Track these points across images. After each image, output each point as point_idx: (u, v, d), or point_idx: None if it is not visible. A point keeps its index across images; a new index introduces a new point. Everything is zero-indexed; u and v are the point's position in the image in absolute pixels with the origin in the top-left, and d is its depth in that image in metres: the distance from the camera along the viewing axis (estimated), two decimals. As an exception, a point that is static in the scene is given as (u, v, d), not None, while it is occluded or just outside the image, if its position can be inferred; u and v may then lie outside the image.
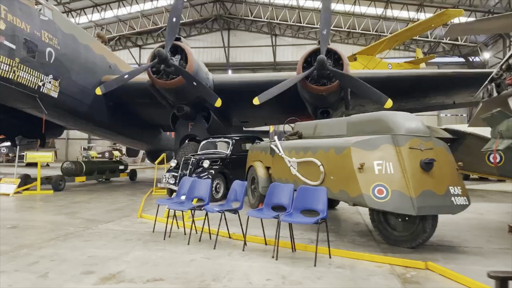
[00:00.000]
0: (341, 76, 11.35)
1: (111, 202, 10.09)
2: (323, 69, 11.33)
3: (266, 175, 8.75)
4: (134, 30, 37.14)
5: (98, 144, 37.15)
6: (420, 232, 5.43)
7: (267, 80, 13.61)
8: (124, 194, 12.09)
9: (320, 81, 11.81)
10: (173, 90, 12.06)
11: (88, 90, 13.48)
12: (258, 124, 18.79)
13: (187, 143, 13.61)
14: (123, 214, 8.30)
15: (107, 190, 13.08)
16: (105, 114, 14.53)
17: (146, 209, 8.99)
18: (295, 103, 14.25)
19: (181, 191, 6.71)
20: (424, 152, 5.45)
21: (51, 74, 11.64)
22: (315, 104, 12.76)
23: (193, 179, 6.47)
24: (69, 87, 12.50)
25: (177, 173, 10.50)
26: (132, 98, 14.54)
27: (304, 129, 8.52)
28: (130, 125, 16.32)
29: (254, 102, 11.65)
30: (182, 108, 12.88)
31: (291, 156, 7.44)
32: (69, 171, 13.35)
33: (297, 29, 35.51)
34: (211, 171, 10.32)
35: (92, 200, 10.43)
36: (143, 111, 15.76)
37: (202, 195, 6.11)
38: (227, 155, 11.17)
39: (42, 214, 8.16)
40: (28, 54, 10.79)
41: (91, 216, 8.01)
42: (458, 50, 32.35)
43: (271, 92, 11.67)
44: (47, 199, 10.68)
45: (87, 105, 13.54)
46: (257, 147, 9.67)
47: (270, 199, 5.61)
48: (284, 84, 11.74)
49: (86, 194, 11.83)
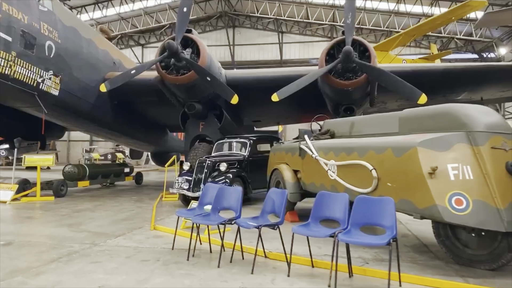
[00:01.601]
0: (370, 69, 10.34)
1: (118, 210, 9.09)
2: (349, 61, 10.31)
3: (294, 180, 7.75)
4: (137, 28, 36.16)
5: (100, 145, 36.15)
6: (503, 251, 4.42)
7: (285, 75, 12.60)
8: (131, 200, 11.10)
9: (345, 75, 10.80)
10: (184, 86, 11.06)
11: (91, 88, 12.50)
12: (270, 123, 17.79)
13: (198, 144, 12.60)
14: (133, 225, 7.31)
15: (112, 196, 12.09)
16: (109, 114, 13.54)
17: (158, 218, 8.00)
18: (313, 100, 13.29)
19: (204, 200, 5.71)
20: (509, 152, 4.45)
21: (51, 70, 10.66)
22: (337, 101, 11.75)
23: (220, 186, 5.47)
24: (71, 84, 11.51)
25: (191, 177, 9.50)
26: (138, 96, 13.56)
27: (336, 127, 7.52)
28: (135, 126, 15.33)
29: (273, 99, 10.64)
30: (193, 106, 11.88)
31: (328, 158, 6.45)
32: (72, 175, 12.37)
33: (305, 26, 34.46)
34: (228, 175, 9.33)
35: (97, 208, 9.44)
36: (149, 110, 14.77)
37: (232, 206, 5.11)
38: (244, 157, 10.17)
39: (42, 226, 7.17)
40: (26, 48, 9.79)
41: (98, 228, 7.02)
42: (472, 46, 31.31)
43: (292, 88, 10.66)
44: (48, 207, 9.69)
45: (90, 104, 12.54)
46: (281, 147, 8.68)
47: (319, 211, 4.61)
48: (305, 78, 10.73)
49: (90, 201, 10.84)
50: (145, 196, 12.03)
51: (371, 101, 11.97)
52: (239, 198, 5.04)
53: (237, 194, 5.09)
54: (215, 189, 5.54)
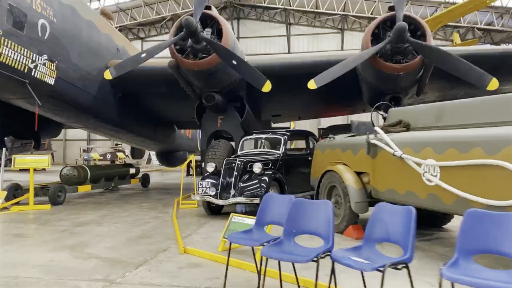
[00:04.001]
0: (427, 49, 8.64)
1: (131, 223, 7.38)
2: (402, 41, 8.63)
3: (359, 185, 6.06)
4: (136, 20, 34.28)
5: (98, 145, 34.33)
6: None
7: (318, 61, 10.93)
8: (143, 208, 9.38)
9: (394, 58, 9.13)
10: (204, 72, 9.33)
11: (93, 77, 10.78)
12: (291, 118, 16.13)
13: (217, 142, 10.87)
14: (155, 245, 5.60)
15: (119, 203, 10.36)
16: (114, 107, 11.81)
17: (184, 234, 6.30)
18: (342, 91, 11.63)
19: (264, 217, 4.02)
20: None
21: (46, 53, 8.93)
22: (382, 89, 10.04)
23: (294, 200, 3.75)
24: (69, 71, 9.78)
25: (218, 181, 7.81)
26: (146, 87, 11.84)
27: (413, 116, 5.85)
28: (142, 121, 13.59)
29: (310, 86, 8.94)
30: (212, 97, 10.15)
31: (422, 156, 4.78)
32: (71, 178, 10.62)
33: (314, 17, 32.71)
34: (263, 178, 7.64)
35: (104, 220, 7.72)
36: (157, 104, 13.04)
37: (319, 230, 3.41)
38: (279, 156, 8.48)
39: (35, 250, 5.45)
40: (14, 26, 8.06)
41: (109, 251, 5.31)
42: (490, 37, 29.72)
43: (333, 73, 8.98)
44: (43, 218, 7.97)
45: (92, 96, 10.81)
46: (334, 144, 6.99)
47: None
48: (348, 62, 9.05)
49: (94, 210, 9.11)
50: (158, 203, 10.31)
51: (420, 90, 10.27)
52: (330, 218, 3.34)
53: (327, 212, 3.39)
54: (284, 202, 3.84)
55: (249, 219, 5.29)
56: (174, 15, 32.96)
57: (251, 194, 7.42)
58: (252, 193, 7.42)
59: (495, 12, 27.13)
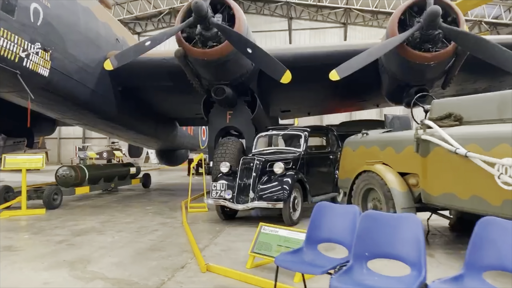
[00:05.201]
0: (463, 36, 7.84)
1: (137, 231, 6.52)
2: (434, 27, 7.82)
3: (405, 188, 5.24)
4: (133, 14, 33.24)
5: (94, 143, 33.32)
6: None
7: (334, 51, 10.11)
8: (148, 212, 8.51)
9: (423, 46, 8.32)
10: (214, 62, 8.47)
11: (91, 69, 9.89)
12: (300, 114, 15.26)
13: (227, 140, 10.02)
14: (170, 260, 4.75)
15: (121, 206, 9.48)
16: (113, 102, 10.92)
17: (200, 245, 5.45)
18: (359, 84, 10.83)
19: (318, 232, 3.19)
20: None
21: (38, 42, 8.04)
22: (407, 81, 9.23)
23: (365, 213, 2.92)
24: (65, 62, 8.89)
25: (234, 183, 6.96)
26: (149, 81, 10.97)
27: (464, 108, 5.05)
28: (143, 117, 12.71)
29: (332, 78, 8.13)
30: (222, 91, 9.28)
31: (492, 154, 3.97)
32: (67, 179, 9.71)
33: (316, 11, 31.81)
34: (286, 179, 6.79)
35: (106, 227, 6.85)
36: (160, 98, 12.16)
37: (405, 255, 2.58)
38: (300, 155, 7.64)
39: (27, 268, 4.58)
40: (3, 10, 7.19)
41: (116, 269, 4.45)
42: (496, 31, 29.00)
43: (357, 62, 8.16)
44: (37, 226, 7.08)
45: (90, 89, 9.92)
46: (369, 141, 6.17)
47: None
48: (374, 51, 8.25)
49: (94, 215, 8.23)
50: (163, 206, 9.44)
51: (447, 81, 9.45)
52: (420, 238, 2.52)
53: (415, 230, 2.56)
54: (346, 214, 3.02)
55: (282, 229, 4.47)
56: (172, 9, 32.02)
57: (272, 197, 6.58)
58: (273, 197, 6.58)
59: (503, 5, 26.41)
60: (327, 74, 9.17)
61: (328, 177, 8.47)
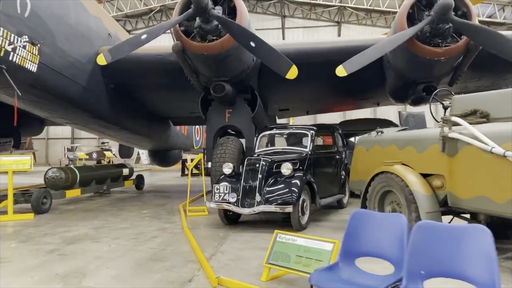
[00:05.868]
0: (475, 30, 7.51)
1: (134, 238, 6.02)
2: (445, 21, 7.48)
3: (429, 191, 4.84)
4: (123, 12, 32.51)
5: (83, 143, 32.56)
6: None
7: (339, 46, 9.72)
8: (144, 216, 8.01)
9: (432, 41, 7.97)
10: (214, 57, 8.01)
11: (82, 65, 9.35)
12: (299, 113, 14.82)
13: (226, 139, 9.57)
14: (175, 273, 4.29)
15: (114, 210, 8.96)
16: (105, 100, 10.39)
17: (205, 253, 4.99)
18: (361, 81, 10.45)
19: (358, 245, 2.76)
20: None
21: (26, 35, 7.49)
22: (414, 77, 8.88)
23: (420, 223, 2.52)
24: (54, 57, 8.35)
25: (238, 185, 6.51)
26: (142, 78, 10.45)
27: (491, 104, 4.68)
28: (136, 116, 12.17)
29: (338, 73, 7.75)
30: (221, 88, 8.82)
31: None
32: (57, 182, 9.15)
33: (309, 9, 31.47)
34: (294, 181, 6.36)
35: (100, 234, 6.34)
36: (154, 96, 11.64)
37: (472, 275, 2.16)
38: (307, 155, 7.22)
39: (14, 284, 4.07)
40: (-14, -1, 6.66)
41: (117, 283, 3.98)
42: (490, 30, 28.97)
43: (365, 57, 7.80)
44: (25, 232, 6.54)
45: (81, 87, 9.38)
46: (386, 139, 5.78)
47: None
48: (383, 45, 7.91)
49: (86, 219, 7.70)
50: (159, 209, 8.94)
51: (455, 78, 9.12)
52: (492, 255, 2.10)
53: (484, 244, 2.15)
54: (390, 224, 2.60)
55: (301, 238, 4.04)
56: (163, 6, 31.40)
57: (281, 201, 6.14)
58: (282, 200, 6.14)
59: (497, 4, 26.35)
60: (330, 71, 8.78)
61: (334, 178, 8.08)
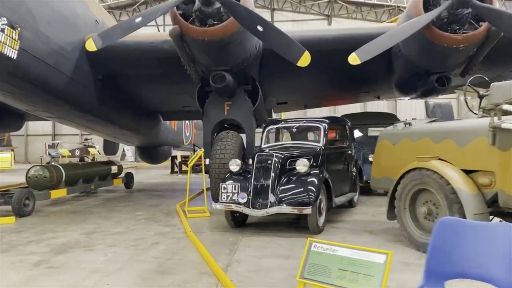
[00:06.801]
0: (497, 15, 7.01)
1: (133, 245, 5.31)
2: (465, 5, 6.97)
3: (474, 189, 4.28)
4: (106, 3, 31.28)
5: (65, 140, 31.27)
6: None
7: (347, 34, 9.12)
8: (140, 219, 7.26)
9: (449, 27, 7.45)
10: (216, 43, 7.30)
11: (67, 53, 8.53)
12: (297, 107, 14.20)
13: (226, 134, 8.90)
14: (189, 290, 3.63)
15: (105, 211, 8.19)
16: (93, 92, 9.57)
17: (218, 261, 4.33)
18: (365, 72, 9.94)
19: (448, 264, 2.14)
20: None
21: (4, 17, 6.67)
22: (426, 67, 8.37)
23: (506, 228, 1.92)
24: (37, 43, 7.52)
25: (248, 183, 5.85)
26: (133, 68, 9.67)
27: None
28: (125, 110, 11.36)
29: (351, 61, 7.19)
30: (222, 78, 8.13)
31: None
32: (41, 181, 8.32)
33: (299, 2, 30.83)
34: (311, 179, 5.74)
35: (94, 240, 5.60)
36: (144, 88, 10.86)
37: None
38: (320, 150, 6.60)
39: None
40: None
41: (121, 306, 3.29)
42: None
43: (379, 45, 7.29)
44: (5, 240, 5.75)
45: (66, 77, 8.56)
46: (416, 132, 5.21)
47: None
48: (398, 32, 7.38)
49: (75, 223, 6.93)
50: (155, 210, 8.21)
51: (468, 68, 8.64)
52: None
53: None
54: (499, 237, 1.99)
55: (343, 248, 3.41)
56: (149, -3, 30.38)
57: (297, 201, 5.51)
58: (299, 200, 5.52)
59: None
60: (337, 61, 8.26)
61: (346, 175, 7.51)
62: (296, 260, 4.46)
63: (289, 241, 5.35)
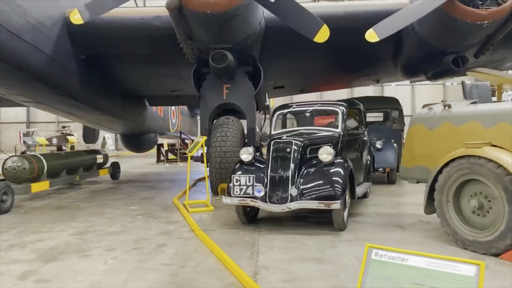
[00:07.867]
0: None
1: (135, 248, 4.55)
2: (492, -24, 6.41)
3: (541, 180, 3.71)
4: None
5: (40, 128, 29.72)
6: None
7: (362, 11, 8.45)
8: (136, 216, 6.48)
9: (472, 2, 6.88)
10: (218, 17, 6.52)
11: (46, 29, 7.62)
12: (293, 91, 13.51)
13: (226, 120, 8.18)
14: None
15: (94, 206, 7.37)
16: (75, 74, 8.68)
17: (240, 266, 3.64)
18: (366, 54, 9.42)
19: None
20: None
21: (-27, -17, 5.71)
22: (443, 46, 7.81)
23: None
24: (11, 16, 6.60)
25: (264, 174, 5.17)
26: (119, 47, 8.81)
27: None
28: (110, 94, 10.47)
29: (369, 38, 6.61)
30: (224, 57, 7.36)
31: None
32: (19, 173, 7.40)
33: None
34: (336, 169, 5.09)
35: (87, 243, 4.81)
36: (130, 70, 9.99)
37: None
38: (340, 136, 5.95)
39: None
40: None
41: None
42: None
43: (399, 20, 6.76)
44: (-18, 243, 4.91)
45: (45, 56, 7.64)
46: (459, 116, 4.60)
47: None
48: (419, 7, 6.78)
49: (62, 221, 6.10)
50: (150, 204, 7.44)
51: (484, 48, 8.14)
52: None
53: None
54: None
55: (415, 256, 2.78)
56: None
57: (323, 195, 4.86)
58: (325, 194, 4.87)
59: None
60: (341, 39, 7.72)
61: (361, 163, 6.90)
62: (333, 265, 3.85)
63: (315, 240, 4.71)
